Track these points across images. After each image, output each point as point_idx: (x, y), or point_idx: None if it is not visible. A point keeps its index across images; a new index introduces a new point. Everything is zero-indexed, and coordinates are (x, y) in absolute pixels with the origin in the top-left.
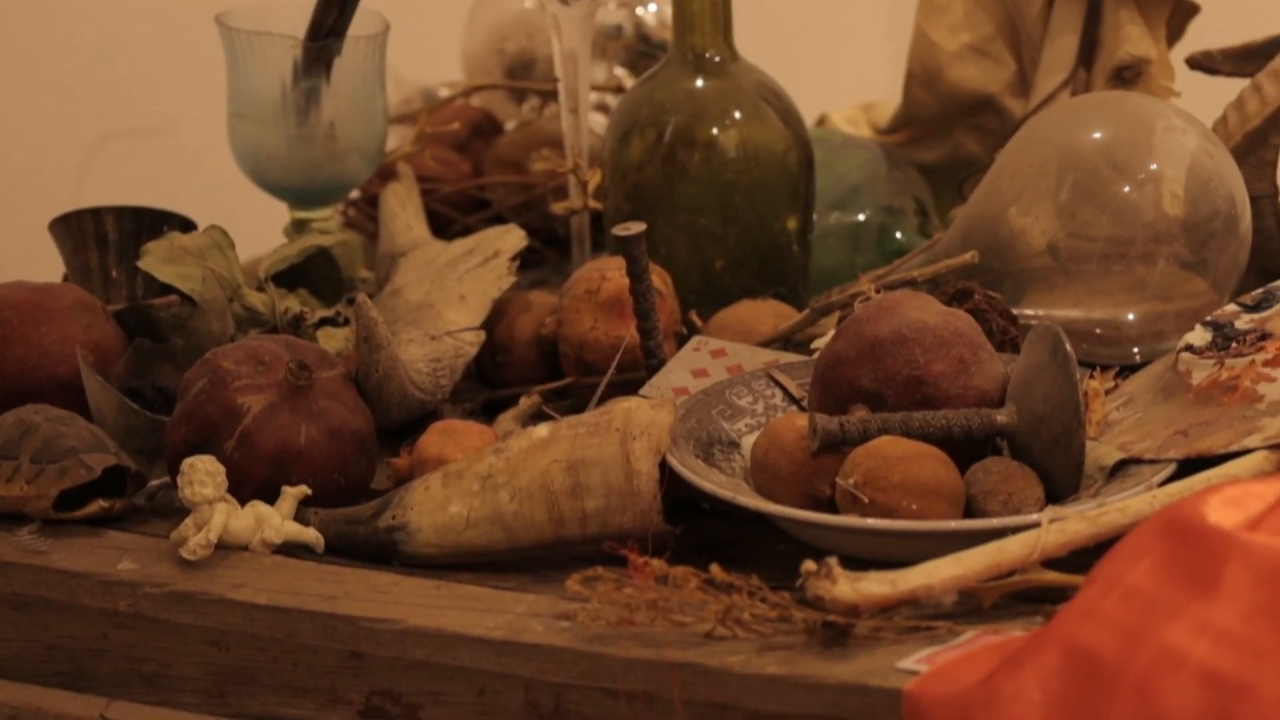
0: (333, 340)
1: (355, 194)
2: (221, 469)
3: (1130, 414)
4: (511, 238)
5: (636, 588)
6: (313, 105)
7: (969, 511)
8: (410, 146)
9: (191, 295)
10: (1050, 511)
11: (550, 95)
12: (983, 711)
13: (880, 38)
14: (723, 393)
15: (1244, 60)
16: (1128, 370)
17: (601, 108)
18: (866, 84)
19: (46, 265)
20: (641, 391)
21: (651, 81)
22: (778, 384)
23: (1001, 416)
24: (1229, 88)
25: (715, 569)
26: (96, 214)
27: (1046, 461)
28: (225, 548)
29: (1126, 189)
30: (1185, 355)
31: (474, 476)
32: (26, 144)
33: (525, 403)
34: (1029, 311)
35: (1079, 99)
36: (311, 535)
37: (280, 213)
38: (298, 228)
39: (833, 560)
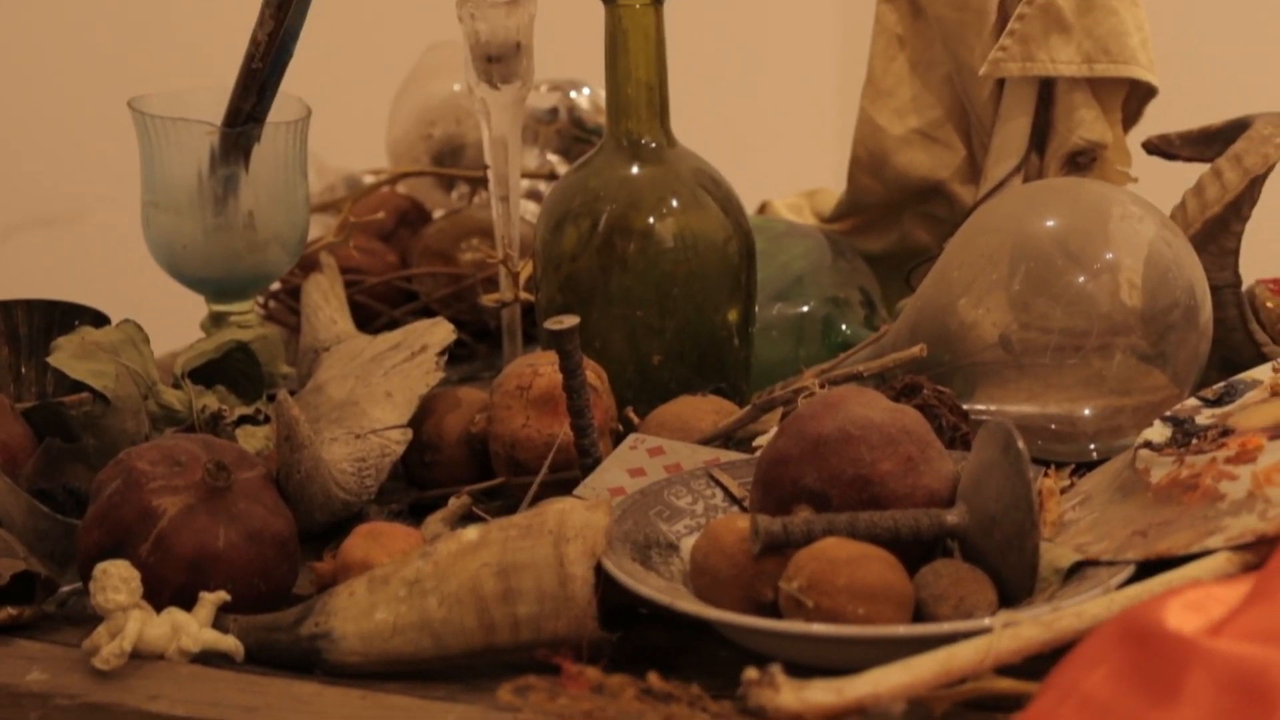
0: (252, 439)
1: (276, 286)
2: (136, 574)
3: (1087, 514)
4: (439, 331)
5: (571, 697)
6: (231, 194)
7: (918, 616)
8: (333, 236)
9: (104, 393)
10: (1003, 616)
11: (480, 182)
12: None
13: (825, 122)
14: (661, 493)
15: (1203, 144)
16: (1084, 468)
17: (533, 195)
18: (810, 170)
19: None
20: (576, 492)
21: (585, 168)
22: (718, 483)
23: (952, 517)
24: (1188, 173)
25: (653, 677)
26: (5, 307)
27: (999, 564)
28: (140, 657)
29: (1081, 279)
30: (1144, 452)
31: (401, 581)
32: None
33: (454, 504)
34: (980, 407)
35: (1031, 185)
36: (230, 643)
37: (197, 306)
38: (216, 321)
39: (776, 668)
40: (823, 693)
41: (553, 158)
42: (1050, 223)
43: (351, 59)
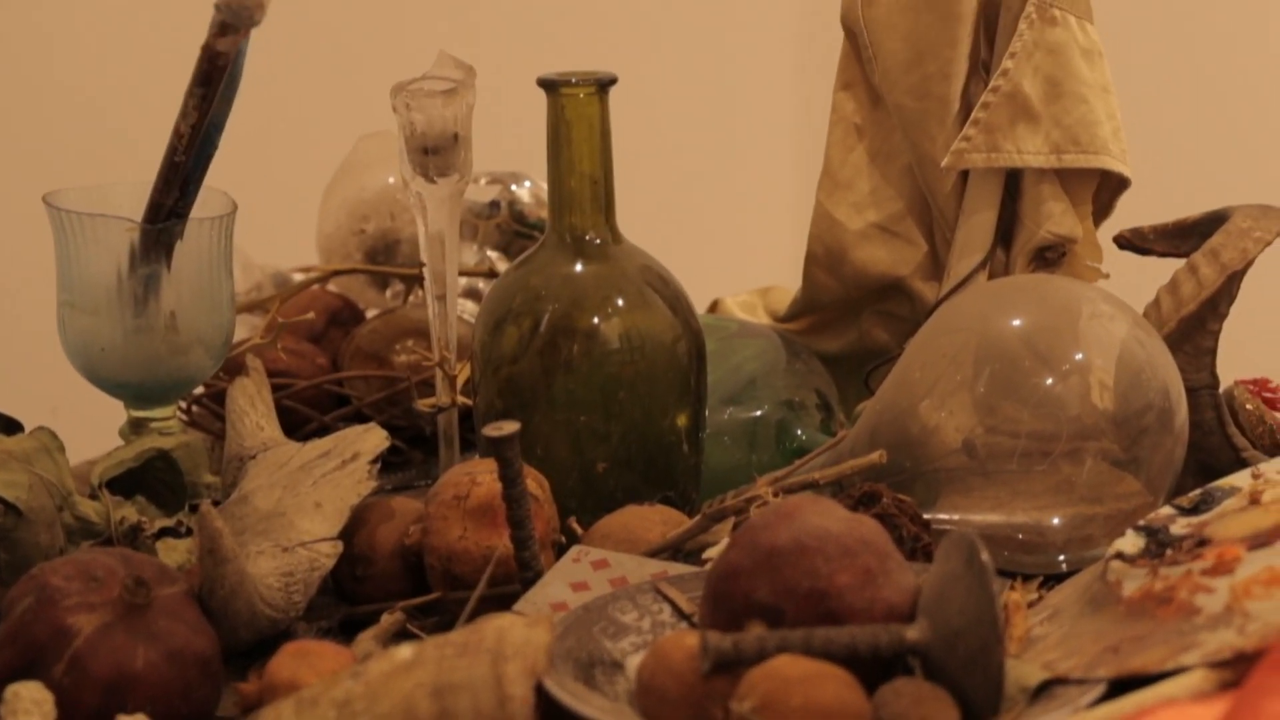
0: (174, 553)
1: (199, 391)
2: (49, 697)
3: (1055, 629)
4: (372, 438)
5: None
6: (152, 294)
7: None
8: (260, 338)
9: (16, 504)
10: None
11: (415, 280)
12: None
13: (779, 216)
14: (605, 608)
15: (1178, 238)
16: (1052, 580)
17: (472, 294)
18: (764, 266)
19: None
20: (516, 607)
21: (526, 265)
22: (666, 598)
23: (913, 632)
24: (1162, 269)
25: None
26: None
27: (963, 682)
28: None
29: (1050, 381)
30: (1116, 564)
31: (330, 703)
32: None
33: (387, 620)
34: (943, 516)
35: (997, 283)
36: None
37: (116, 412)
38: (135, 428)
39: None
40: None
41: (492, 254)
42: (1017, 322)
43: (280, 151)
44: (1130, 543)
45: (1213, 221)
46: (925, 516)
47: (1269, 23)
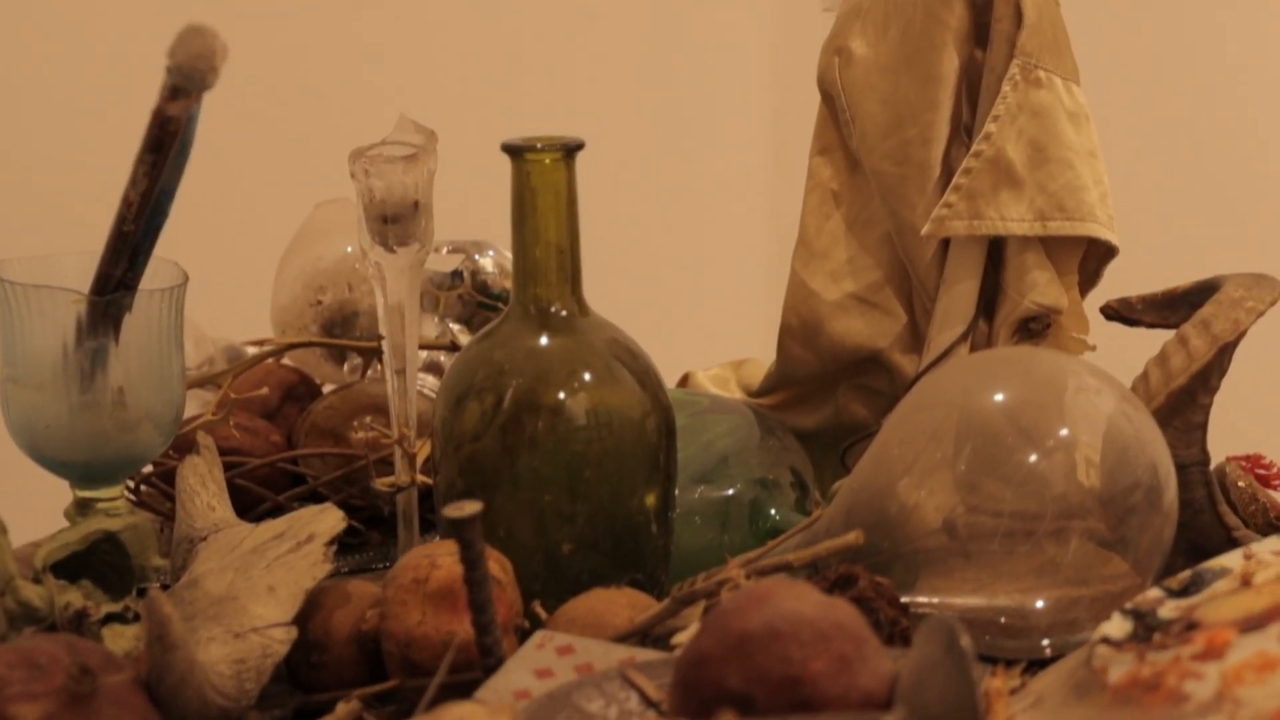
0: (121, 640)
1: (148, 470)
2: None
3: (1039, 717)
4: (328, 519)
5: None
6: (99, 368)
7: None
8: (212, 414)
9: None
10: None
11: (374, 354)
12: None
13: (753, 286)
14: (570, 696)
15: (1167, 309)
16: (1036, 666)
17: (433, 368)
18: (736, 339)
19: None
20: (477, 695)
21: (489, 339)
22: (633, 686)
23: None
24: (1151, 340)
25: None
26: None
27: None
28: None
29: (1034, 458)
30: (1101, 648)
31: None
32: None
33: (343, 709)
34: (922, 599)
35: (979, 355)
36: None
37: (61, 492)
38: (81, 509)
39: None
40: None
41: (454, 327)
42: (1000, 396)
43: (233, 219)
44: (1117, 626)
45: (1203, 291)
46: (904, 599)
47: (1260, 88)
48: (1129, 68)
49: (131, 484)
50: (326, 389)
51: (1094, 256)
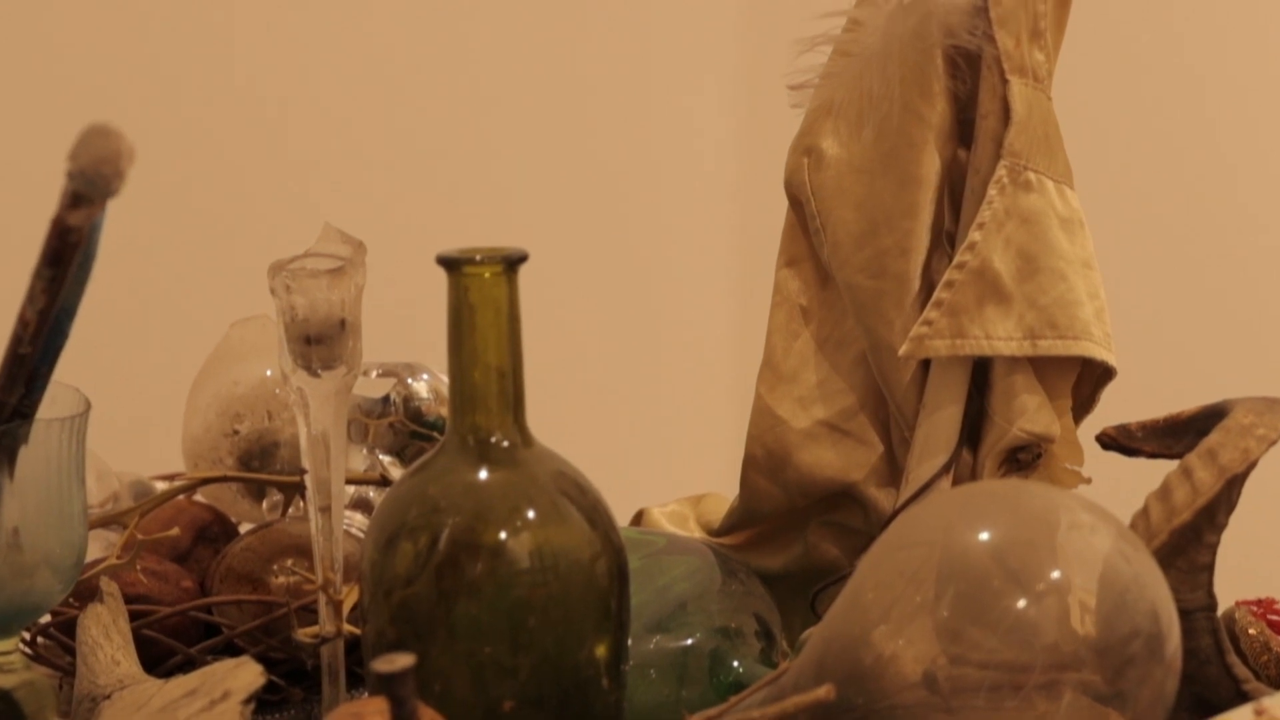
0: None
1: (45, 619)
2: None
3: None
4: (245, 674)
5: None
6: None
7: None
8: (117, 557)
9: None
10: None
11: (296, 489)
12: None
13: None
14: None
15: (1170, 436)
16: None
17: (361, 505)
18: (696, 472)
19: None
20: None
21: (423, 472)
22: None
23: None
24: (1152, 472)
25: None
26: None
27: None
28: None
29: (1023, 603)
30: None
31: None
32: None
33: None
34: None
35: (963, 489)
36: None
37: None
38: None
39: None
40: None
41: (384, 459)
42: (985, 534)
43: (139, 340)
44: None
45: (1210, 417)
46: None
47: (1271, 194)
48: (1128, 169)
49: (27, 636)
50: (243, 529)
51: (1089, 379)
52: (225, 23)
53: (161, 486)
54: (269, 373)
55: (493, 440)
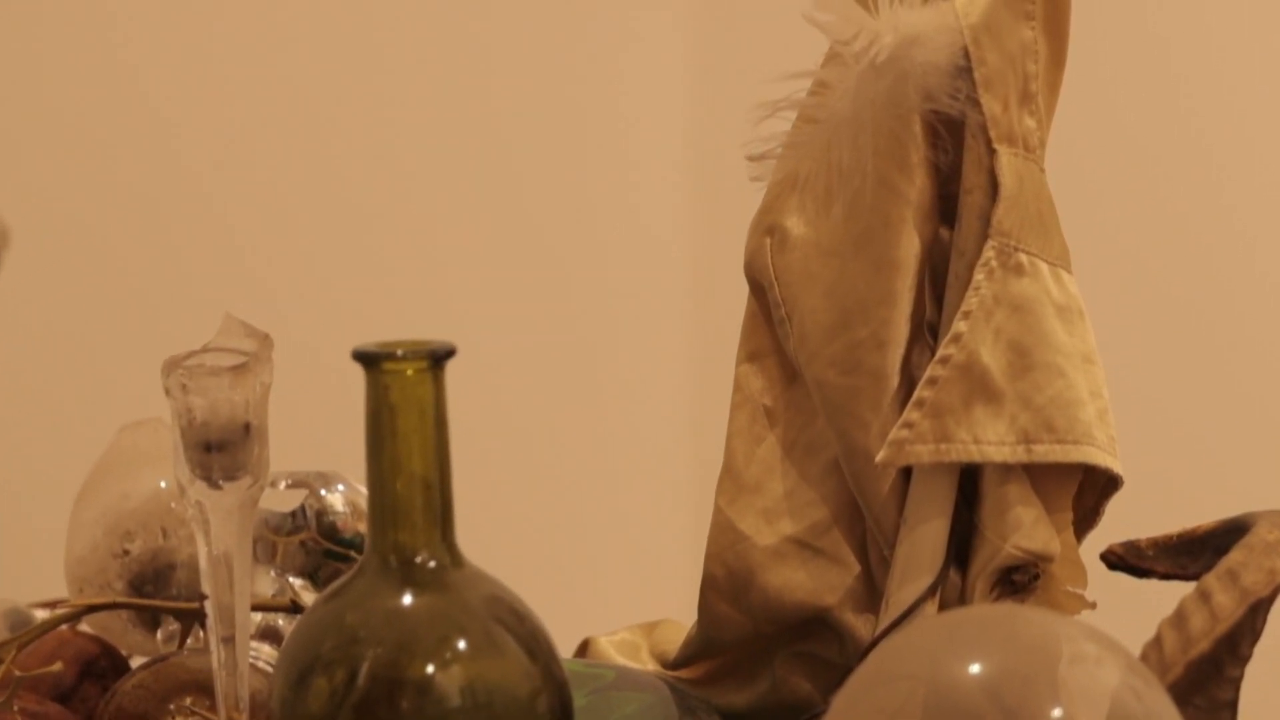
0: None
1: None
2: None
3: None
4: None
5: None
6: None
7: None
8: None
9: None
10: None
11: (195, 618)
12: None
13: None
14: None
15: (1185, 555)
16: None
17: (269, 635)
18: (648, 595)
19: None
20: None
21: (340, 598)
22: None
23: None
24: (1165, 595)
25: None
26: None
27: None
28: None
29: None
30: None
31: None
32: None
33: None
34: None
35: (950, 615)
36: None
37: None
38: None
39: None
40: None
41: (295, 582)
42: (977, 667)
43: (15, 448)
44: None
45: (1230, 532)
46: None
47: None
48: (1131, 249)
49: None
50: (135, 663)
51: (1092, 489)
52: (120, 100)
53: (42, 615)
54: (163, 484)
55: (418, 560)
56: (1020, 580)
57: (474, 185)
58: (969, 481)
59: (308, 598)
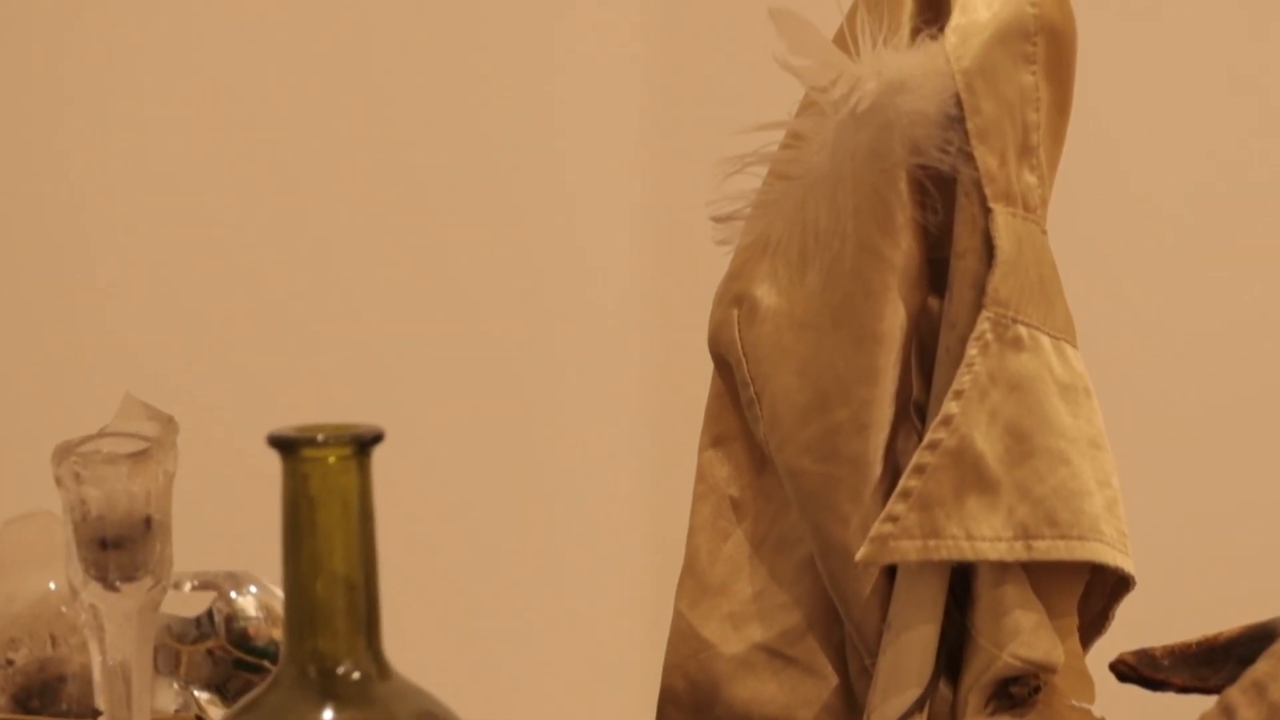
0: None
1: None
2: None
3: None
4: None
5: None
6: None
7: None
8: None
9: None
10: None
11: None
12: None
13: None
14: None
15: (1205, 665)
16: None
17: None
18: (601, 708)
19: None
20: None
21: (252, 713)
22: None
23: None
24: (1183, 710)
25: None
26: None
27: None
28: None
29: None
30: None
31: None
32: None
33: None
34: None
35: None
36: None
37: None
38: None
39: None
40: None
41: (201, 695)
42: None
43: None
44: None
45: (1254, 640)
46: None
47: None
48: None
49: None
50: None
51: (1100, 590)
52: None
53: None
54: (52, 585)
55: (340, 671)
56: (1019, 693)
57: (405, 246)
58: (961, 582)
59: (215, 713)
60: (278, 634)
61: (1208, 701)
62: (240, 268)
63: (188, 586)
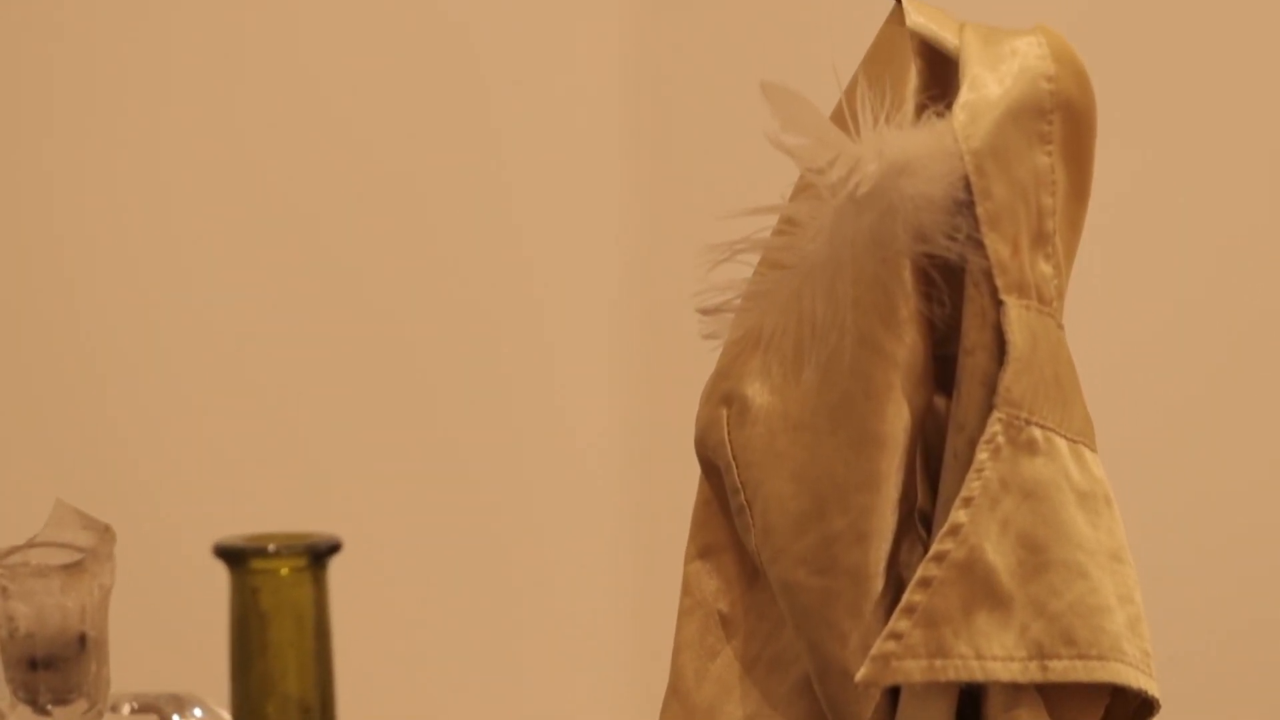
0: None
1: None
2: None
3: None
4: None
5: None
6: None
7: None
8: None
9: None
10: None
11: None
12: None
13: None
14: None
15: None
16: None
17: None
18: None
19: None
20: None
21: None
22: None
23: None
24: None
25: None
26: None
27: None
28: None
29: None
30: None
31: None
32: None
33: None
34: None
35: None
36: None
37: None
38: None
39: None
40: None
41: None
42: None
43: None
44: None
45: None
46: None
47: None
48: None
49: None
50: None
51: (1121, 714)
52: None
53: None
54: None
55: None
56: None
57: (364, 339)
58: (970, 705)
59: None
60: None
61: None
62: (183, 357)
63: (126, 709)
